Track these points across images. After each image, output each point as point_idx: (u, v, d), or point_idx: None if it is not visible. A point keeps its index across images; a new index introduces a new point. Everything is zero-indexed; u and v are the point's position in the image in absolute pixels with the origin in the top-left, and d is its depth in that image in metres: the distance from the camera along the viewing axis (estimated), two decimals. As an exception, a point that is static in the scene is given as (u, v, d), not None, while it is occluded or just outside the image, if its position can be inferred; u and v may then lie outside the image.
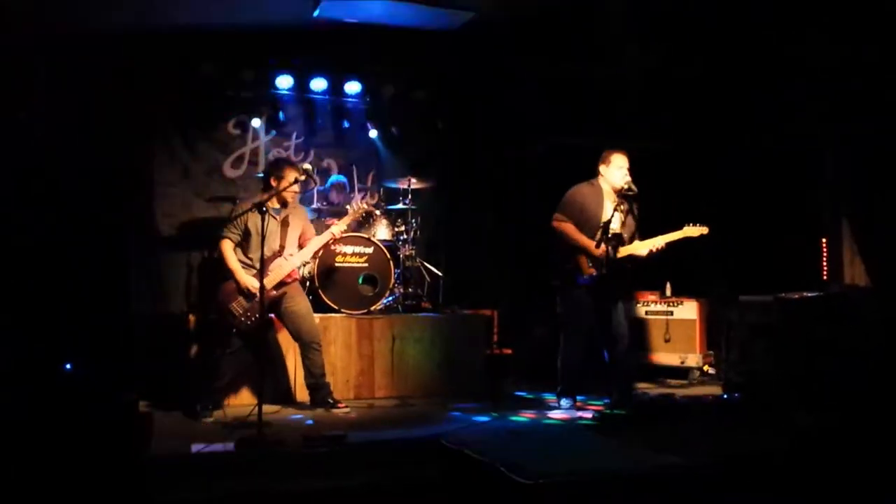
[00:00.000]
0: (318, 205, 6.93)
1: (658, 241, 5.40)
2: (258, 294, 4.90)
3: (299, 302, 5.46)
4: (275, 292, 5.30)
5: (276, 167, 5.47)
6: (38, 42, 6.18)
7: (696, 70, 7.00)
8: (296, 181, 5.37)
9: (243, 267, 5.28)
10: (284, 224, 5.42)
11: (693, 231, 5.39)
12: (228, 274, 5.28)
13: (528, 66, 7.54)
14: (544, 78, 7.57)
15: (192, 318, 5.92)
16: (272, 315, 5.46)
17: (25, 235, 6.13)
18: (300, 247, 5.51)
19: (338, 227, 5.55)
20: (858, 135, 6.38)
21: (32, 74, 6.31)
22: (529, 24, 6.83)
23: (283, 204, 5.43)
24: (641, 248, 5.43)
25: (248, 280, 5.20)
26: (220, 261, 5.36)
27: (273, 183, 5.37)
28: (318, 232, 5.75)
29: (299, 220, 5.56)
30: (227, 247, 5.31)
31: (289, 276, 5.39)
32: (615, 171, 5.46)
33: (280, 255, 5.37)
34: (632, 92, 7.32)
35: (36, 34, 6.14)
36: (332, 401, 5.46)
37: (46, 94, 6.35)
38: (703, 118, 7.31)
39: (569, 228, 5.50)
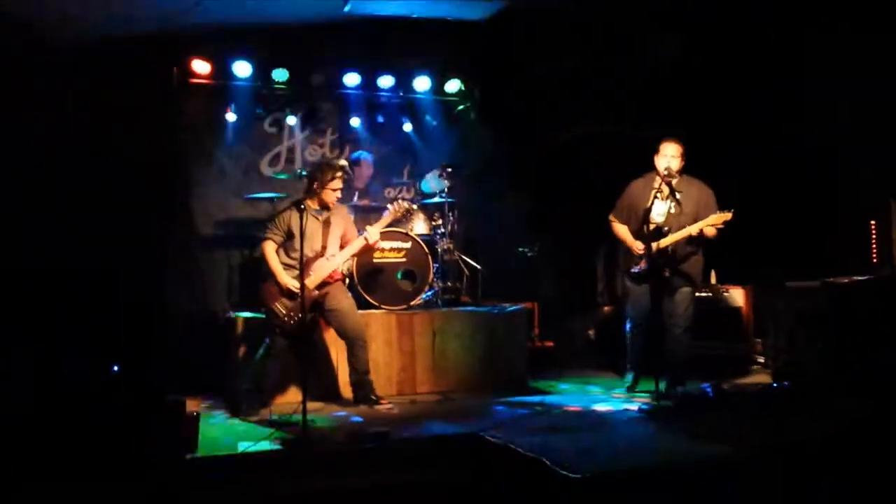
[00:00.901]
0: (356, 202, 6.92)
1: (682, 234, 5.39)
2: (300, 294, 4.97)
3: (342, 300, 5.48)
4: (317, 292, 5.33)
5: (319, 171, 5.50)
6: (71, 44, 6.26)
7: (726, 54, 6.86)
8: (332, 178, 5.38)
9: (286, 268, 5.33)
10: (326, 224, 5.46)
11: (716, 219, 5.31)
12: (270, 275, 5.31)
13: (559, 55, 7.47)
14: (575, 67, 7.49)
15: (234, 317, 5.95)
16: (314, 314, 5.47)
17: (65, 238, 6.23)
18: (342, 248, 5.53)
19: (374, 230, 5.54)
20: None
21: (66, 75, 6.39)
22: (558, 14, 6.76)
23: (325, 206, 5.46)
24: (676, 237, 5.41)
25: (290, 281, 5.24)
26: (263, 262, 5.40)
27: (316, 186, 5.39)
28: (360, 229, 5.76)
29: (341, 220, 5.59)
30: (270, 248, 5.37)
31: (330, 276, 5.41)
32: (661, 160, 5.52)
33: (322, 256, 5.40)
34: (666, 78, 7.21)
35: (68, 35, 6.22)
36: (374, 397, 5.46)
37: (81, 95, 6.43)
38: (740, 101, 7.14)
39: (616, 228, 5.77)
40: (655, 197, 5.39)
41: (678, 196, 5.44)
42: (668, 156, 5.46)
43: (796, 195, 6.73)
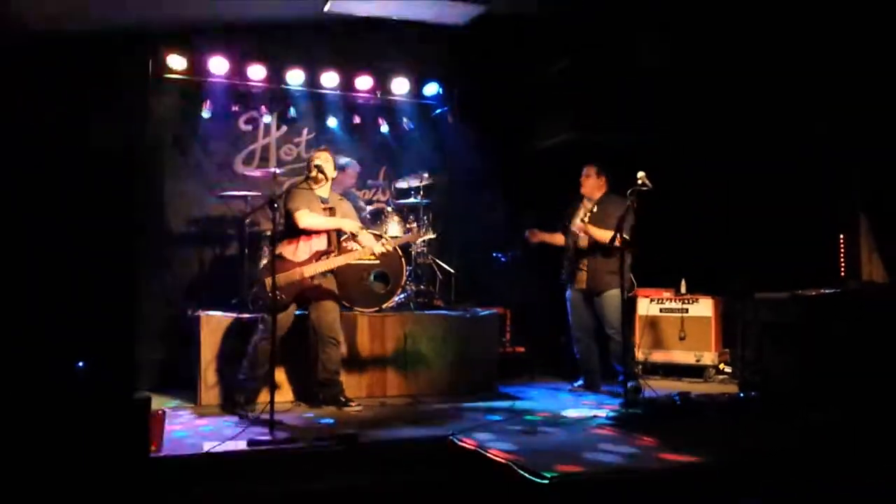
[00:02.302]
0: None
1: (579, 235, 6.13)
2: (301, 277, 5.23)
3: (327, 294, 5.45)
4: (311, 281, 5.31)
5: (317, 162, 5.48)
6: (43, 37, 6.17)
7: (706, 63, 6.93)
8: (307, 178, 5.35)
9: (281, 260, 5.26)
10: (331, 214, 5.45)
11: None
12: (330, 228, 5.35)
13: (540, 61, 7.50)
14: (556, 73, 7.52)
15: (202, 315, 5.89)
16: (297, 306, 5.42)
17: (33, 234, 6.13)
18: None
19: (379, 246, 5.47)
20: (876, 129, 6.29)
21: (35, 72, 6.30)
22: (538, 20, 6.80)
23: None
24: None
25: (350, 224, 5.35)
26: (306, 231, 5.31)
27: (317, 174, 5.40)
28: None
29: (345, 212, 5.58)
30: (305, 214, 5.27)
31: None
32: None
33: (330, 247, 5.38)
34: (644, 85, 7.26)
35: (41, 29, 6.13)
36: (343, 399, 5.43)
37: (52, 90, 6.34)
38: (714, 112, 7.22)
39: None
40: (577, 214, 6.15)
41: (594, 210, 6.00)
42: (582, 177, 6.23)
43: (767, 207, 6.81)
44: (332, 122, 7.56)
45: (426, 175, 6.92)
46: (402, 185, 7.21)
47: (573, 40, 7.15)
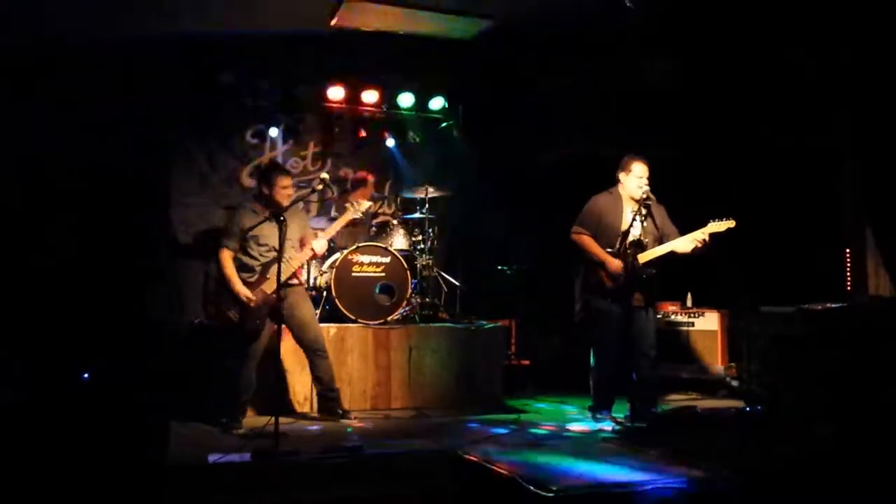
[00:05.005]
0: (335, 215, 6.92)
1: (670, 247, 5.29)
2: (254, 300, 5.15)
3: (302, 308, 5.39)
4: (273, 297, 5.22)
5: (267, 172, 5.44)
6: (56, 52, 6.23)
7: (711, 78, 6.95)
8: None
9: (242, 269, 5.28)
10: (281, 227, 5.36)
11: (720, 226, 5.28)
12: (225, 282, 5.24)
13: (546, 75, 7.53)
14: (561, 87, 7.55)
15: (208, 325, 5.91)
16: (273, 323, 5.37)
17: (44, 246, 6.17)
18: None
19: (320, 242, 5.44)
20: (880, 141, 6.29)
21: (47, 84, 6.36)
22: (544, 35, 6.83)
23: (278, 208, 5.29)
24: (664, 250, 5.31)
25: (243, 290, 5.18)
26: (218, 269, 5.31)
27: (265, 189, 5.32)
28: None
29: (298, 223, 5.45)
30: (226, 256, 5.26)
31: (294, 277, 5.37)
32: (633, 180, 5.40)
33: (279, 260, 5.33)
34: (649, 100, 7.28)
35: (54, 44, 6.19)
36: (340, 411, 5.40)
37: (63, 104, 6.40)
38: (721, 126, 7.24)
39: (586, 241, 5.47)
40: (634, 218, 5.38)
41: (649, 212, 5.37)
42: (643, 177, 5.37)
43: (773, 221, 6.81)
44: (337, 135, 7.60)
45: (431, 188, 6.93)
46: (407, 198, 7.23)
47: (578, 55, 7.17)
